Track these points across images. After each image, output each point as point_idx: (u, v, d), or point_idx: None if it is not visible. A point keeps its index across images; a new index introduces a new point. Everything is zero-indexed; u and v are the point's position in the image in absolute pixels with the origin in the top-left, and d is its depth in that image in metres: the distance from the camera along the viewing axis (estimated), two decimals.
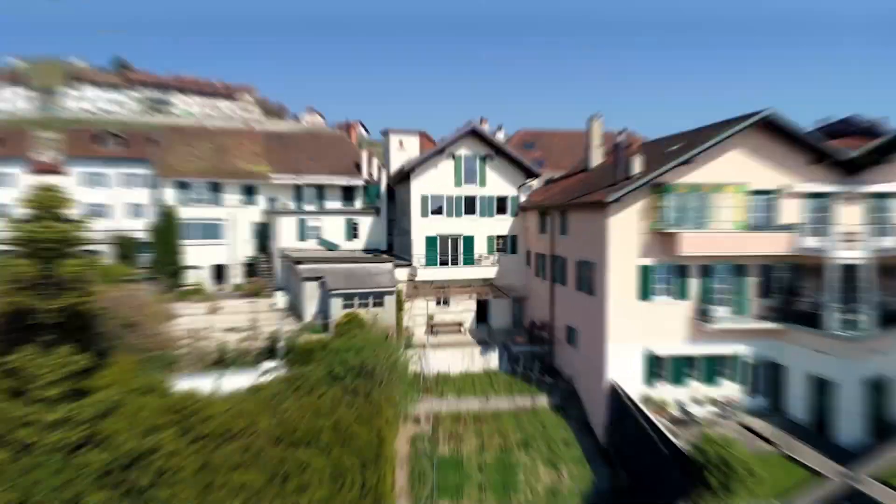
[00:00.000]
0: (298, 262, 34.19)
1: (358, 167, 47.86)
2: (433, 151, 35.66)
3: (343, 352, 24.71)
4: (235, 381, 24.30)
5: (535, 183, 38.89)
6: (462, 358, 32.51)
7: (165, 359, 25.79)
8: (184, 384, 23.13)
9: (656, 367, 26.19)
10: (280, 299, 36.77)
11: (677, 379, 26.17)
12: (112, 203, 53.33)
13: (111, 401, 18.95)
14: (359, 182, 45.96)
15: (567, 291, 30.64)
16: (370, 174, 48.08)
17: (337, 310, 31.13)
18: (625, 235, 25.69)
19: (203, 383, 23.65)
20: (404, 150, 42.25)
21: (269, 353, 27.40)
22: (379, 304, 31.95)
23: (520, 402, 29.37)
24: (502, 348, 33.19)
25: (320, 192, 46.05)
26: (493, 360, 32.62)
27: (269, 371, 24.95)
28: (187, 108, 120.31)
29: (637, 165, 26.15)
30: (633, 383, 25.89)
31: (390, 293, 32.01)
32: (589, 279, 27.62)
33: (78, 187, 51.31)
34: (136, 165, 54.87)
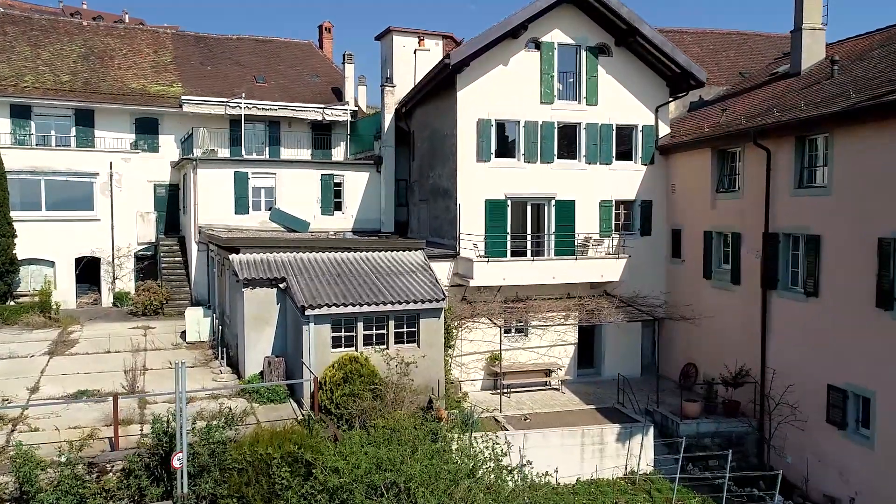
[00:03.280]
0: (233, 248, 19.40)
1: (338, 93, 33.10)
2: (499, 32, 21.15)
3: (358, 482, 10.06)
4: None
5: (672, 107, 24.69)
6: (579, 446, 18.18)
7: None
8: None
9: None
10: (196, 323, 21.88)
11: None
12: None
13: None
14: (341, 115, 31.17)
15: (822, 311, 16.58)
16: (357, 104, 33.36)
17: (319, 350, 16.45)
18: None
19: None
20: (426, 50, 27.86)
21: (157, 471, 12.67)
22: (408, 335, 17.37)
23: None
24: (654, 424, 18.97)
25: (274, 130, 31.21)
26: (641, 450, 18.35)
27: None
28: None
29: None
30: None
31: (432, 312, 17.44)
32: None
33: None
34: None
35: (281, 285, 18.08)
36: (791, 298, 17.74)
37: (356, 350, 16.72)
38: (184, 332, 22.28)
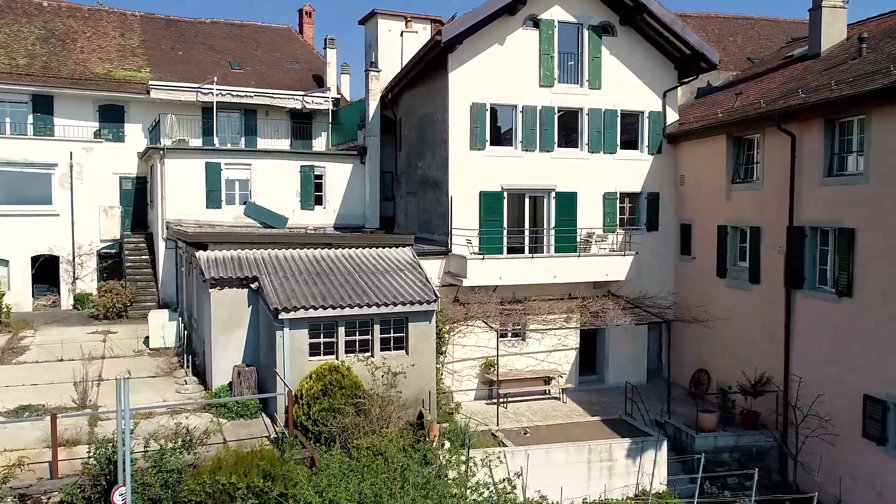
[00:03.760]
0: (200, 244, 17.58)
1: (319, 80, 31.32)
2: (495, 7, 19.45)
3: None
4: None
5: (679, 93, 23.03)
6: (586, 463, 16.53)
7: None
8: None
9: None
10: (161, 328, 20.03)
11: None
12: None
13: None
14: (323, 102, 29.39)
15: (856, 312, 15.08)
16: (340, 92, 31.57)
17: (295, 359, 14.66)
18: None
19: None
20: (413, 32, 26.17)
21: (101, 503, 10.88)
22: (396, 342, 15.63)
23: None
24: (667, 437, 17.37)
25: (250, 119, 29.35)
26: (654, 467, 16.72)
27: None
28: None
29: None
30: None
31: (423, 315, 15.70)
32: None
33: None
34: None
35: (253, 285, 16.28)
36: (819, 298, 16.19)
37: (337, 358, 14.96)
38: (147, 338, 20.39)
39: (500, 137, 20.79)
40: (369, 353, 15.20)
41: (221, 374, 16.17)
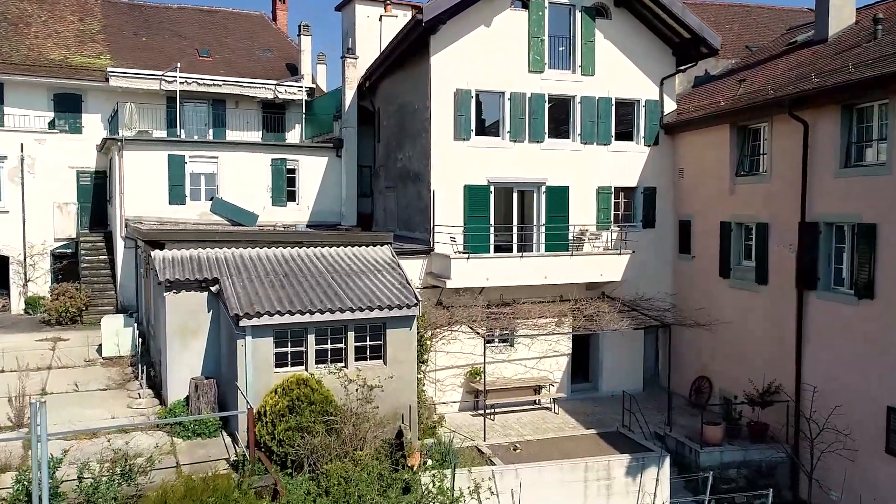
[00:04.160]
0: (156, 242, 16.00)
1: (293, 70, 29.74)
2: None
3: None
4: None
5: (676, 80, 21.74)
6: (582, 482, 15.22)
7: None
8: None
9: None
10: (115, 335, 18.39)
11: None
12: None
13: None
14: (297, 92, 27.82)
15: (879, 315, 13.91)
16: (315, 83, 30.02)
17: (259, 371, 13.15)
18: None
19: None
20: (392, 16, 24.77)
21: None
22: (372, 350, 14.16)
23: None
24: (667, 452, 16.07)
25: (219, 110, 27.70)
26: (657, 486, 15.43)
27: None
28: None
29: None
30: None
31: (403, 321, 14.23)
32: None
33: None
34: None
35: (213, 288, 14.72)
36: (835, 300, 14.96)
37: (306, 370, 13.47)
38: (101, 346, 18.74)
39: (487, 127, 19.46)
40: (343, 364, 13.72)
41: (178, 387, 14.61)
